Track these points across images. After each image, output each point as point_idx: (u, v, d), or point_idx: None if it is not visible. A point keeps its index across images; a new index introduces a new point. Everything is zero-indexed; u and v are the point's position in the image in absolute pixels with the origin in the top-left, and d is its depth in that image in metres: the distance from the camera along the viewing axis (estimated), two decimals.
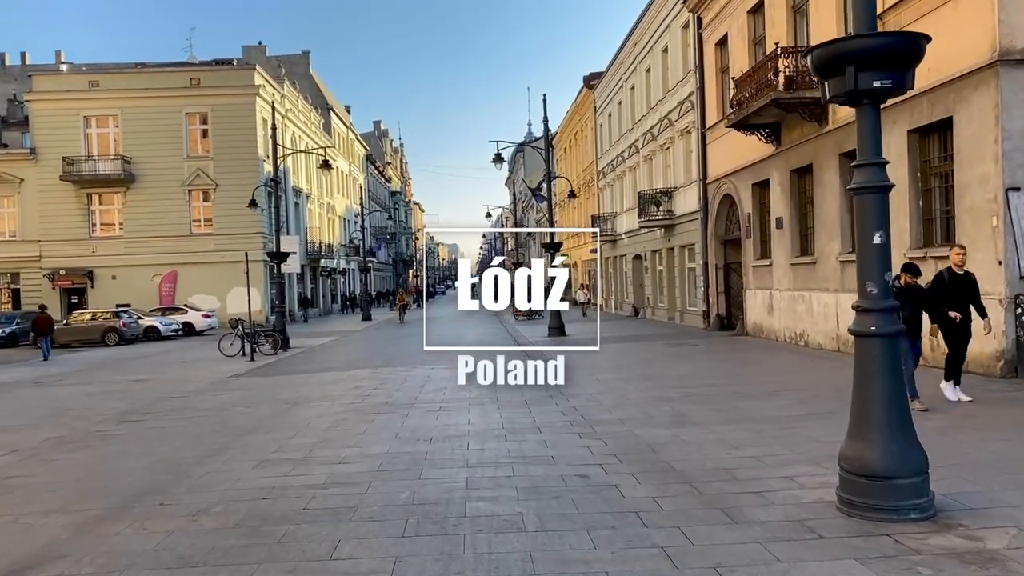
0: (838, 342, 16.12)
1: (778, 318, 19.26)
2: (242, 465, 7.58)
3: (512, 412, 10.14)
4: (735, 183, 21.92)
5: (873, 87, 5.18)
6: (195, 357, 22.97)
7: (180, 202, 40.44)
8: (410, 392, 12.62)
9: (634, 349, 19.34)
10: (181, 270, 40.13)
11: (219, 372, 17.92)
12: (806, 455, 7.10)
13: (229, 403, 12.43)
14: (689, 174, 26.83)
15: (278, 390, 13.86)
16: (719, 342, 20.21)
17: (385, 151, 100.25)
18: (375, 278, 78.83)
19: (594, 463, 7.11)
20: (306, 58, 64.96)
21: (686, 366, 15.09)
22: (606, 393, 11.56)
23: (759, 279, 20.56)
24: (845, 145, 15.53)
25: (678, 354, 17.68)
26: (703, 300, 25.16)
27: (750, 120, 18.17)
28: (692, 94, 25.51)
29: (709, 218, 24.43)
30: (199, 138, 40.93)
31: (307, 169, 51.77)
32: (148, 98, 39.85)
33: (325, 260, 54.47)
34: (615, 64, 37.73)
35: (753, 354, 17.00)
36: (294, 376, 16.32)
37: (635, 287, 36.33)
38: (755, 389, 11.38)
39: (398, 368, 16.78)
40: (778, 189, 18.98)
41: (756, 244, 20.88)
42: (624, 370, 14.68)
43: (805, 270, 17.69)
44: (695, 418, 9.15)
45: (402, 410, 10.68)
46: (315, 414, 10.73)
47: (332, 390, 13.41)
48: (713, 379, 12.89)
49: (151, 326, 32.13)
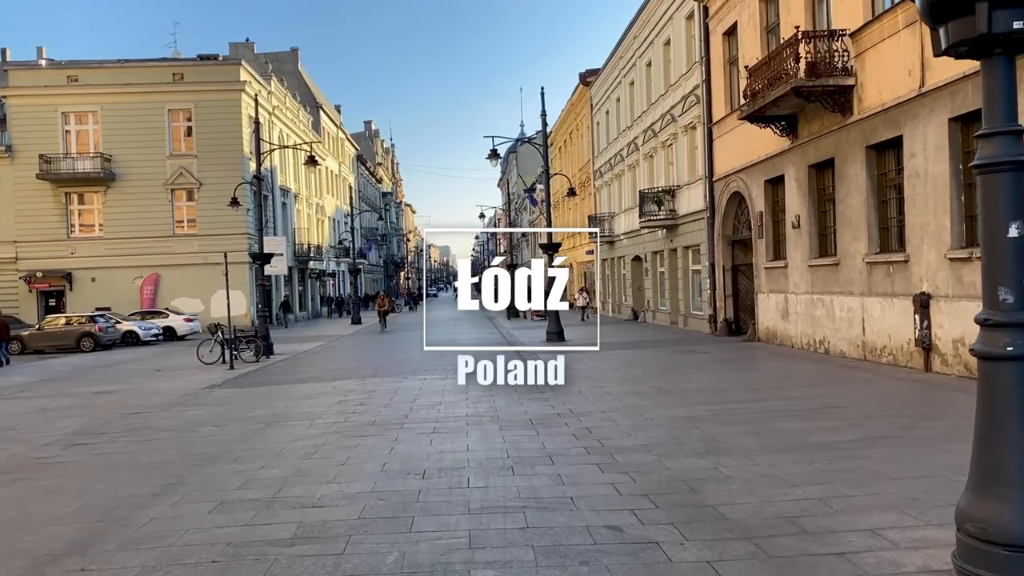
0: (863, 350, 14.89)
1: (794, 323, 18.02)
2: (195, 509, 6.25)
3: (517, 435, 8.84)
4: (745, 180, 20.69)
5: (1013, 29, 3.89)
6: (172, 365, 21.59)
7: (162, 202, 39.02)
8: (400, 408, 11.30)
9: (642, 357, 18.06)
10: (164, 272, 38.71)
11: (193, 382, 16.56)
12: (882, 497, 5.82)
13: (196, 421, 11.08)
14: (694, 171, 25.61)
15: (253, 405, 12.52)
16: (730, 349, 18.96)
17: (376, 151, 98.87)
18: (366, 280, 77.34)
19: (624, 507, 5.81)
20: (295, 55, 63.54)
21: (704, 377, 13.81)
22: (621, 411, 10.26)
23: (772, 282, 19.32)
24: (873, 137, 14.32)
25: (691, 363, 16.41)
26: (709, 304, 23.91)
27: (765, 111, 16.94)
28: (697, 87, 24.29)
29: (716, 217, 23.20)
30: (182, 135, 39.52)
31: (295, 168, 50.33)
32: (129, 94, 38.42)
33: (314, 262, 53.04)
34: (613, 60, 36.52)
35: (772, 363, 15.75)
36: (273, 388, 14.98)
37: (634, 290, 35.08)
38: (790, 406, 10.10)
39: (387, 379, 15.45)
40: (794, 186, 17.76)
41: (769, 245, 19.65)
42: (636, 382, 13.39)
43: (825, 272, 16.46)
44: (732, 444, 7.86)
45: (391, 432, 9.36)
46: (291, 437, 9.40)
47: (313, 406, 12.08)
48: (738, 393, 11.61)
49: (130, 331, 30.67)
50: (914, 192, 13.02)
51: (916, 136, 12.87)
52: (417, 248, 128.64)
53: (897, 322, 13.67)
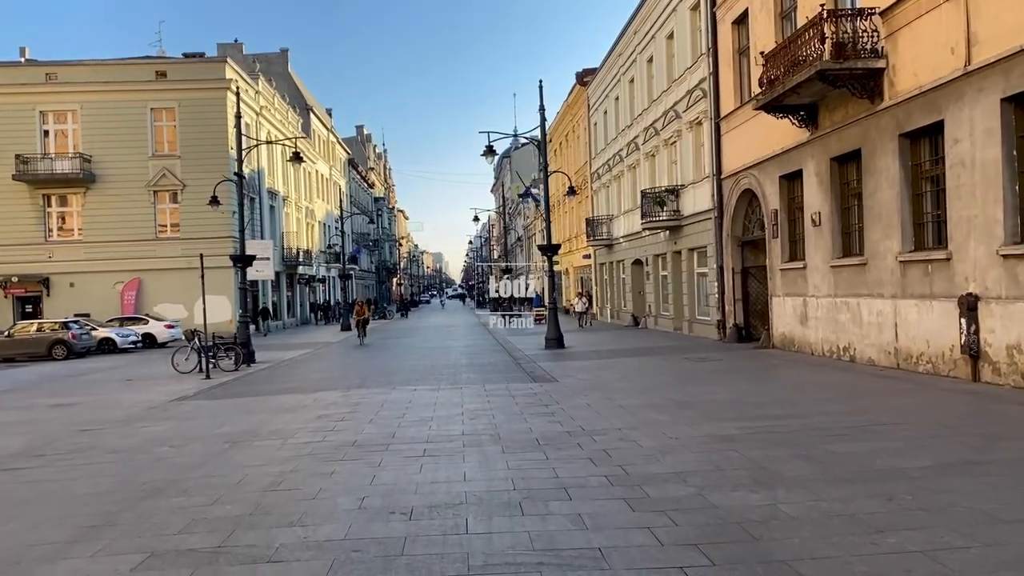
0: (896, 357, 13.59)
1: (814, 329, 16.73)
2: (116, 564, 4.88)
3: (523, 459, 7.49)
4: (757, 176, 19.43)
5: None
6: (145, 374, 20.17)
7: (144, 204, 37.52)
8: (386, 425, 9.93)
9: (650, 365, 16.74)
10: (146, 277, 37.21)
11: (163, 393, 15.18)
12: (1006, 550, 4.50)
13: (154, 439, 9.69)
14: (699, 169, 24.35)
15: (223, 420, 11.13)
16: (744, 356, 17.65)
17: (368, 156, 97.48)
18: (357, 286, 75.89)
19: (670, 564, 4.48)
20: (284, 57, 62.20)
21: (723, 388, 12.47)
22: (640, 428, 8.93)
23: (789, 284, 18.04)
24: (907, 124, 13.06)
25: (705, 372, 15.08)
26: (717, 309, 22.62)
27: (784, 100, 15.67)
28: (704, 81, 23.05)
29: (724, 217, 21.93)
30: (165, 135, 38.06)
31: (284, 170, 48.95)
32: (110, 92, 36.97)
33: (303, 267, 51.60)
34: (611, 57, 35.30)
35: (794, 372, 14.43)
36: (249, 400, 13.58)
37: (634, 294, 33.77)
38: (834, 422, 8.78)
39: (374, 390, 14.07)
40: (814, 180, 16.49)
41: (784, 245, 18.37)
42: (650, 393, 12.05)
43: (851, 273, 15.18)
44: (785, 472, 6.53)
45: (373, 455, 8.00)
46: (258, 460, 8.03)
47: (289, 421, 10.70)
48: (769, 407, 10.28)
49: (106, 338, 29.18)
50: (958, 183, 11.75)
51: (961, 120, 11.61)
52: (410, 254, 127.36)
53: (937, 327, 12.38)
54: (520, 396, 12.41)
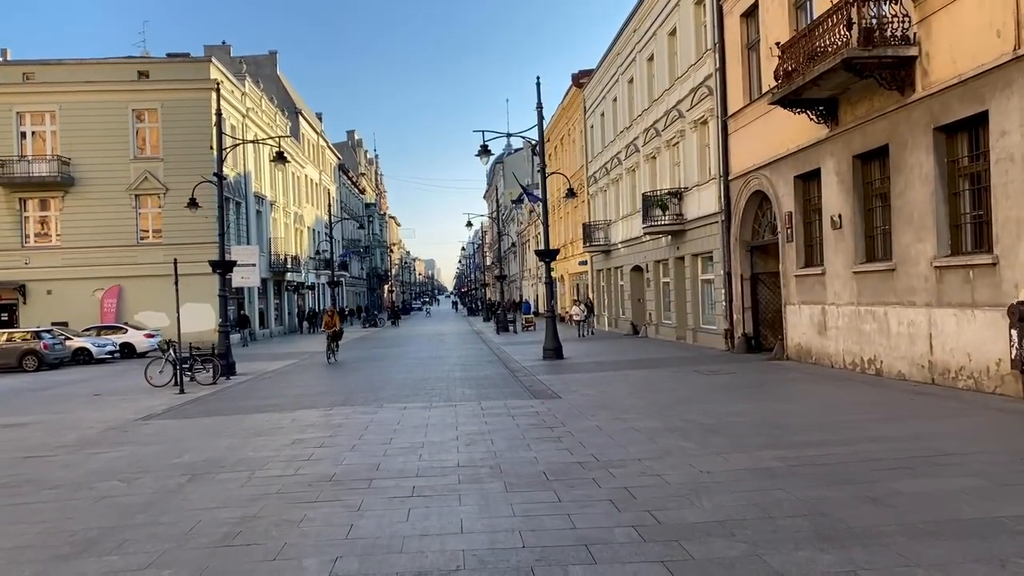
0: (931, 371, 12.44)
1: (834, 339, 15.58)
2: None
3: (531, 501, 6.28)
4: (769, 177, 18.31)
5: None
6: (116, 388, 18.89)
7: (126, 208, 36.20)
8: (370, 453, 8.71)
9: (657, 378, 15.54)
10: (126, 284, 35.85)
11: (130, 411, 13.92)
12: None
13: (103, 471, 8.44)
14: (704, 171, 23.23)
15: (187, 445, 9.88)
16: (758, 369, 16.49)
17: (359, 162, 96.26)
18: (347, 293, 74.54)
19: None
20: (273, 59, 61.02)
21: (746, 406, 11.28)
22: (663, 458, 7.73)
23: (805, 292, 16.90)
24: (943, 116, 11.94)
25: (720, 387, 13.90)
26: (724, 317, 21.46)
27: (803, 93, 14.54)
28: (709, 78, 21.95)
29: (732, 221, 20.79)
30: (148, 137, 36.80)
31: (271, 175, 47.68)
32: (90, 92, 35.65)
33: (291, 274, 50.27)
34: (609, 57, 34.22)
35: (818, 387, 13.25)
36: (221, 420, 12.32)
37: (634, 302, 32.61)
38: (889, 451, 7.59)
39: (359, 407, 12.83)
40: (833, 180, 15.37)
41: (800, 249, 17.24)
42: (665, 412, 10.85)
43: (876, 279, 14.04)
44: (852, 522, 5.33)
45: (353, 494, 6.77)
46: (216, 500, 6.80)
47: (261, 447, 9.47)
48: (805, 431, 9.08)
49: (81, 348, 27.82)
50: (1005, 179, 10.62)
51: (1008, 110, 10.50)
52: (402, 260, 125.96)
53: (980, 339, 11.24)
54: (521, 416, 11.20)
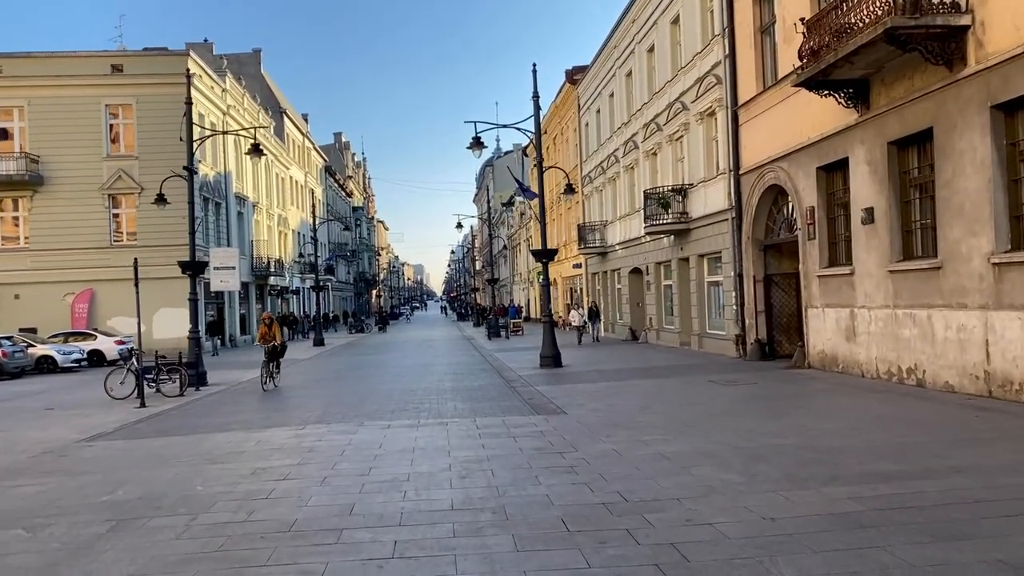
0: (987, 383, 10.96)
1: (865, 346, 14.08)
2: None
3: (552, 567, 4.71)
4: (787, 170, 16.83)
5: None
6: (73, 400, 17.21)
7: (98, 208, 34.45)
8: (343, 489, 7.11)
9: (670, 389, 14.00)
10: (99, 288, 34.04)
11: (79, 429, 12.28)
12: None
13: (11, 513, 6.81)
14: (711, 166, 21.77)
15: (126, 476, 8.25)
16: (779, 379, 14.99)
17: (346, 164, 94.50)
18: (334, 298, 72.76)
19: None
20: (256, 57, 59.29)
21: (783, 425, 9.74)
22: (709, 497, 6.18)
23: (830, 293, 15.42)
24: (1002, 93, 10.48)
25: (744, 400, 12.37)
26: (735, 322, 19.96)
27: (832, 72, 13.07)
28: (718, 65, 20.49)
29: (744, 218, 19.31)
30: (122, 134, 35.06)
31: (254, 175, 45.99)
32: (61, 87, 33.90)
33: (275, 278, 48.54)
34: (605, 51, 32.77)
35: (855, 400, 11.73)
36: (177, 441, 10.69)
37: (632, 306, 31.10)
38: (992, 489, 6.06)
39: (336, 426, 11.21)
40: (864, 170, 13.89)
41: (823, 247, 15.76)
42: (692, 432, 9.29)
43: (917, 279, 12.56)
44: None
45: (316, 554, 5.18)
46: (134, 564, 5.19)
47: (213, 479, 7.85)
48: (868, 457, 7.54)
49: (45, 355, 26.04)
50: None
51: None
52: (390, 265, 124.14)
53: None
54: (523, 436, 9.63)
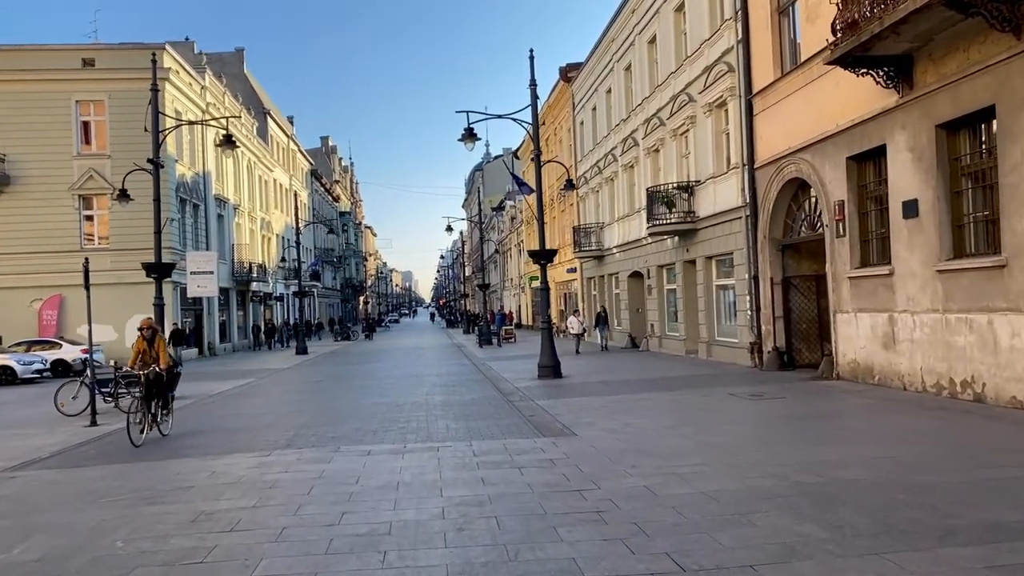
0: None
1: (907, 355, 12.54)
2: None
3: None
4: (811, 161, 15.31)
5: None
6: (20, 417, 15.53)
7: (67, 210, 32.58)
8: (305, 549, 5.44)
9: (692, 406, 12.39)
10: (68, 294, 32.11)
11: (11, 454, 10.55)
12: None
13: None
14: (721, 160, 20.26)
15: (39, 521, 6.56)
16: (809, 391, 13.42)
17: (333, 169, 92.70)
18: (320, 305, 70.92)
19: None
20: (240, 56, 57.57)
21: (841, 452, 8.14)
22: (791, 563, 4.57)
23: (863, 296, 13.87)
24: None
25: (778, 417, 10.78)
26: (750, 329, 18.40)
27: (875, 46, 11.54)
28: (729, 52, 18.99)
29: (760, 216, 17.78)
30: (93, 132, 33.23)
31: (236, 176, 44.26)
32: (27, 81, 32.07)
33: (258, 283, 46.70)
34: (602, 45, 31.26)
35: (911, 419, 10.16)
36: (118, 470, 8.99)
37: (631, 312, 29.52)
38: None
39: (307, 452, 9.53)
40: (906, 157, 12.37)
41: (854, 245, 14.22)
42: (735, 463, 7.67)
43: (974, 279, 11.02)
44: None
45: None
46: None
47: (144, 528, 6.16)
48: (980, 500, 5.94)
49: (3, 366, 24.19)
50: None
51: None
52: (378, 271, 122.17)
53: None
54: (530, 466, 7.99)
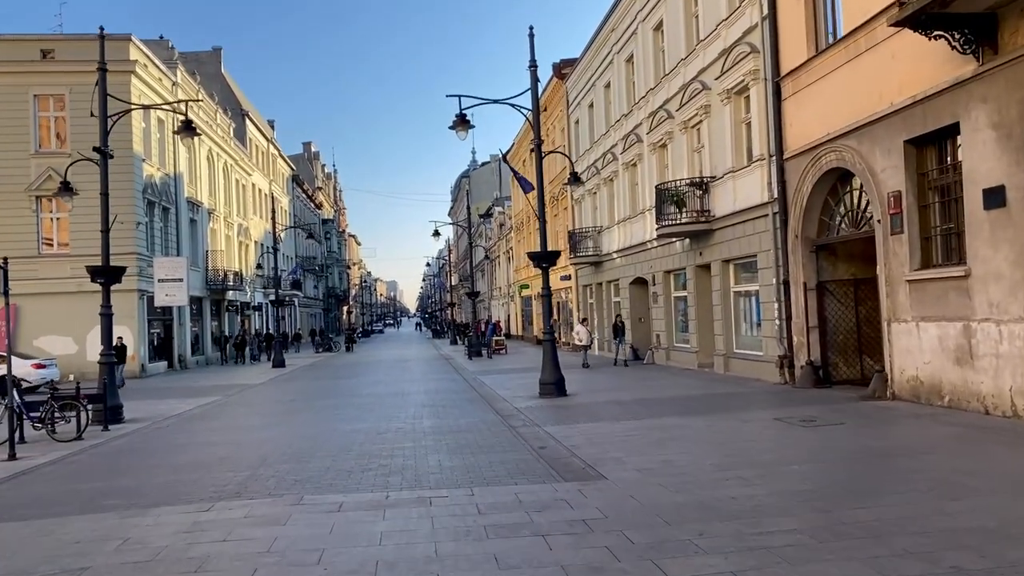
0: None
1: (990, 372, 10.49)
2: None
3: None
4: (856, 148, 13.29)
5: None
6: None
7: (25, 212, 30.16)
8: None
9: (735, 433, 10.28)
10: (25, 303, 29.50)
11: None
12: None
13: None
14: (741, 152, 18.25)
15: None
16: (865, 413, 11.35)
17: (316, 175, 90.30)
18: (301, 315, 68.42)
19: None
20: (217, 56, 55.21)
21: (974, 508, 6.05)
22: None
23: (929, 303, 11.84)
24: None
25: (855, 454, 8.67)
26: (778, 340, 16.36)
27: (951, 4, 9.56)
28: (752, 31, 17.01)
29: (791, 213, 15.77)
30: (52, 129, 30.85)
31: (211, 179, 41.93)
32: None
33: (234, 292, 44.28)
34: (600, 36, 29.31)
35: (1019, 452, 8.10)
36: (6, 531, 6.75)
37: (634, 322, 27.42)
38: None
39: (259, 503, 7.30)
40: (988, 137, 10.37)
41: (914, 243, 12.20)
42: (837, 527, 5.54)
43: None
44: None
45: None
46: None
47: None
48: None
49: None
50: None
51: None
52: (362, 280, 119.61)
53: None
54: (558, 535, 5.84)
